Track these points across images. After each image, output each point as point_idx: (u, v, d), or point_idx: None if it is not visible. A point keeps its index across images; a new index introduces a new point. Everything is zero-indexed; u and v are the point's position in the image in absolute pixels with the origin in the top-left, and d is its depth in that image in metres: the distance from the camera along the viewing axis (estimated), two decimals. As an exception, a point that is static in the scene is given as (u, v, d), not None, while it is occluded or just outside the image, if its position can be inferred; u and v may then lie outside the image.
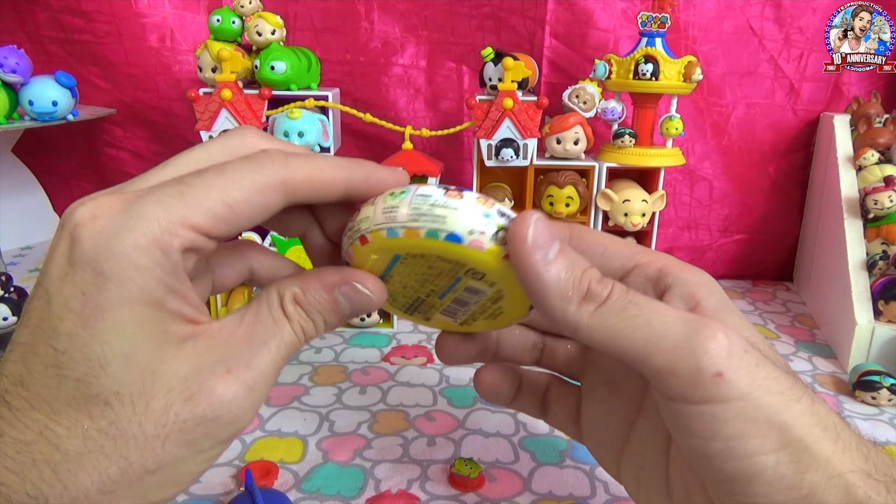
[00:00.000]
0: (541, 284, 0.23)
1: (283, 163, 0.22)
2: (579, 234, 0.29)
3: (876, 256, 0.58)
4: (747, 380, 0.21)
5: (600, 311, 0.23)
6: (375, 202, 0.24)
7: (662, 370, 0.22)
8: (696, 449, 0.22)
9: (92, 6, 0.73)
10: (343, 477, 0.41)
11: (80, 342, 0.19)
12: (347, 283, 0.25)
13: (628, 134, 0.61)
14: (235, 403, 0.21)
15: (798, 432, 0.21)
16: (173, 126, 0.78)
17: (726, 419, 0.21)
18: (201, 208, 0.20)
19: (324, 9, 0.73)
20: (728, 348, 0.22)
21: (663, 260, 0.27)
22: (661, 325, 0.22)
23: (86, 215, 0.20)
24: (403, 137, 0.61)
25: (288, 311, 0.24)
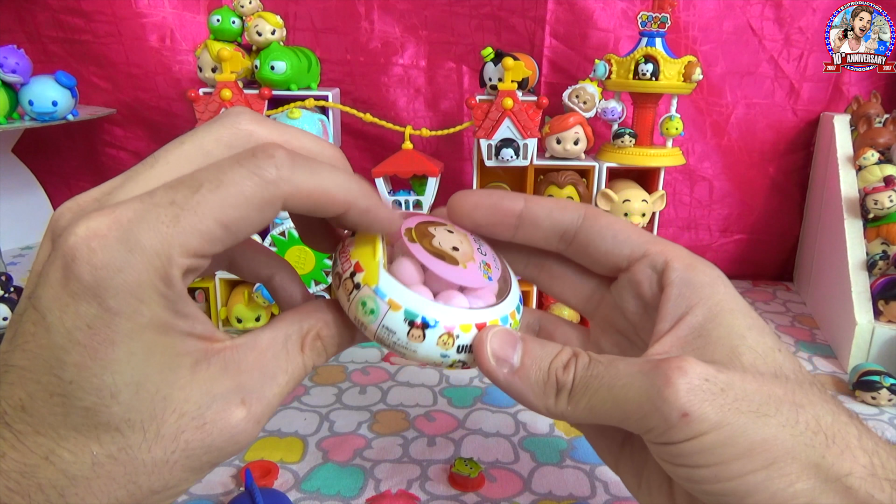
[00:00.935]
0: (518, 394, 0.25)
1: (289, 175, 0.21)
2: (593, 215, 0.29)
3: (876, 256, 0.58)
4: (714, 409, 0.22)
5: (573, 397, 0.24)
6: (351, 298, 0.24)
7: (640, 427, 0.23)
8: (687, 477, 0.23)
9: (92, 6, 0.73)
10: (343, 477, 0.41)
11: (88, 373, 0.19)
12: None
13: (628, 134, 0.61)
14: (244, 435, 0.22)
15: (782, 445, 0.21)
16: (173, 126, 0.78)
17: (705, 450, 0.22)
18: (197, 233, 0.20)
19: (324, 9, 0.73)
20: (687, 387, 0.22)
21: (672, 251, 0.27)
22: (621, 390, 0.23)
23: (80, 244, 0.18)
24: (403, 137, 0.61)
25: (306, 347, 0.24)
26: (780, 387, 0.23)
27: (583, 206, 0.29)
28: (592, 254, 0.29)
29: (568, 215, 0.29)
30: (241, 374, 0.22)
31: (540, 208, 0.28)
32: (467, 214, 0.28)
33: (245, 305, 0.61)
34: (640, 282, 0.28)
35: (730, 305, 0.26)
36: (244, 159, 0.21)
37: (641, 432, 0.23)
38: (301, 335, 0.24)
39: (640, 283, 0.28)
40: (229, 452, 0.22)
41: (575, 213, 0.29)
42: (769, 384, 0.23)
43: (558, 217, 0.29)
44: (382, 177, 0.61)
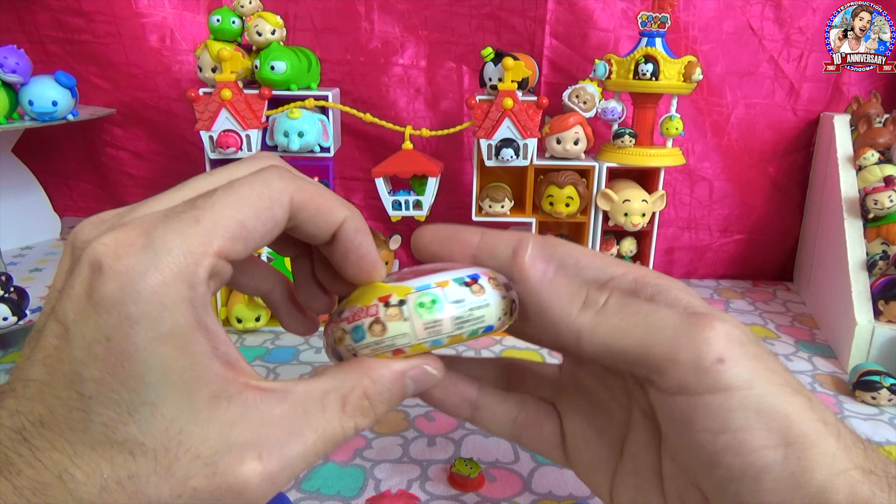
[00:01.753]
0: (542, 297, 0.24)
1: (291, 178, 0.22)
2: (552, 245, 0.28)
3: (876, 256, 0.58)
4: (748, 368, 0.22)
5: (600, 314, 0.24)
6: (406, 315, 0.23)
7: (663, 361, 0.22)
8: (704, 446, 0.22)
9: (92, 6, 0.73)
10: (343, 477, 0.41)
11: (107, 388, 0.19)
12: (418, 367, 0.24)
13: (628, 134, 0.61)
14: (256, 493, 0.20)
15: (802, 427, 0.21)
16: (173, 126, 0.78)
17: (732, 409, 0.21)
18: (218, 231, 0.20)
19: (324, 9, 0.73)
20: (727, 336, 0.22)
21: (637, 270, 0.27)
22: (659, 319, 0.23)
23: (108, 253, 0.19)
24: (403, 137, 0.61)
25: (349, 406, 0.23)
26: (792, 378, 0.23)
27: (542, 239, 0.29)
28: None
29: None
30: (264, 425, 0.21)
31: (497, 241, 0.28)
32: (424, 247, 0.29)
33: (245, 305, 0.61)
34: None
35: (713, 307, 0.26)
36: (253, 173, 0.22)
37: (662, 370, 0.22)
38: (343, 393, 0.23)
39: None
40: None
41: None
42: (785, 369, 0.23)
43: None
44: (382, 177, 0.61)
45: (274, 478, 0.21)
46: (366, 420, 0.23)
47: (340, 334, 0.24)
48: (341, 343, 0.24)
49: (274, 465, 0.21)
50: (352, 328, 0.24)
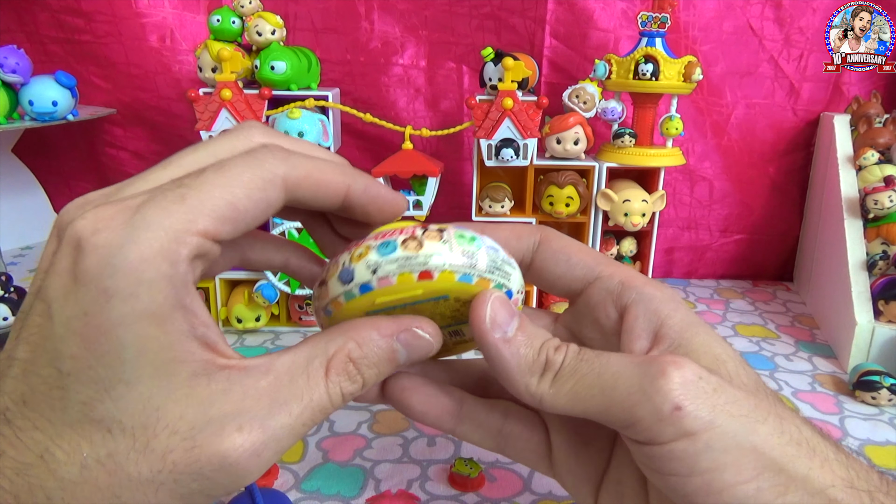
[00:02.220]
0: (502, 362, 0.23)
1: (284, 157, 0.22)
2: (547, 239, 0.29)
3: (876, 256, 0.58)
4: (707, 408, 0.21)
5: (557, 379, 0.23)
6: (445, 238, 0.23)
7: (624, 419, 0.22)
8: (676, 488, 0.22)
9: (92, 6, 0.73)
10: (343, 477, 0.41)
11: (84, 364, 0.18)
12: (408, 330, 0.23)
13: (628, 134, 0.61)
14: (238, 466, 0.20)
15: (771, 454, 0.21)
16: (173, 126, 0.78)
17: (697, 452, 0.21)
18: (205, 210, 0.19)
19: (324, 9, 0.73)
20: (681, 380, 0.21)
21: (625, 272, 0.27)
22: (612, 376, 0.22)
23: (88, 228, 0.18)
24: (403, 137, 0.61)
25: (332, 371, 0.22)
26: (762, 399, 0.23)
27: (538, 231, 0.29)
28: (548, 278, 0.29)
29: (524, 243, 0.29)
30: (245, 398, 0.20)
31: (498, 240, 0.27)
32: None
33: (245, 305, 0.61)
34: (596, 304, 0.28)
35: (696, 319, 0.26)
36: (243, 153, 0.21)
37: (626, 426, 0.22)
38: (327, 357, 0.22)
39: (595, 307, 0.28)
40: (222, 484, 0.20)
41: (530, 240, 0.29)
42: (753, 394, 0.23)
43: (515, 246, 0.29)
44: (382, 177, 0.61)
45: (257, 450, 0.20)
46: (353, 385, 0.22)
47: (363, 251, 0.22)
48: (359, 259, 0.22)
49: (256, 437, 0.20)
50: (380, 244, 0.22)
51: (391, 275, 0.22)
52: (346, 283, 0.22)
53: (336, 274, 0.23)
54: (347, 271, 0.22)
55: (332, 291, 0.23)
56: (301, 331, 0.63)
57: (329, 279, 0.23)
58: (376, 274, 0.22)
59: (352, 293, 0.22)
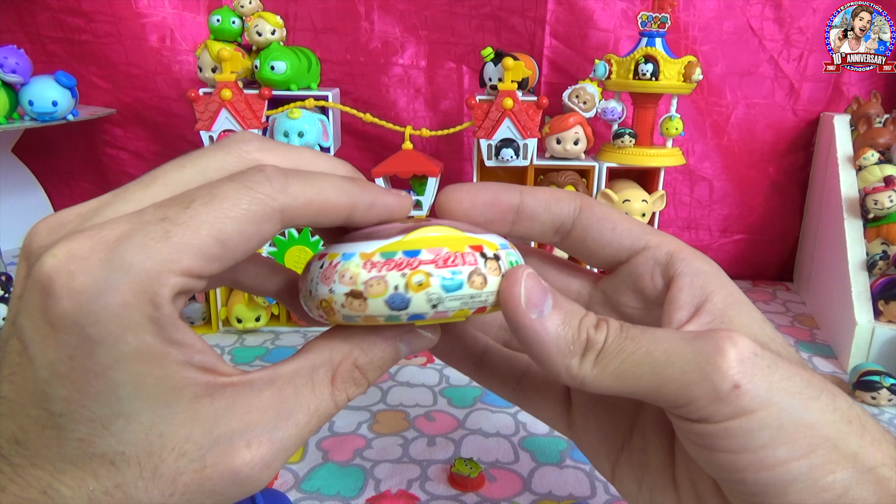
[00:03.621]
0: (540, 345, 0.22)
1: (282, 186, 0.20)
2: (589, 206, 0.27)
3: (876, 256, 0.58)
4: (765, 385, 0.21)
5: (601, 359, 0.22)
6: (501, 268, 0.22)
7: (679, 398, 0.21)
8: (725, 465, 0.21)
9: (92, 6, 0.73)
10: (343, 477, 0.41)
11: (77, 405, 0.18)
12: (411, 331, 0.23)
13: (628, 134, 0.61)
14: (249, 481, 0.20)
15: (824, 431, 0.21)
16: (173, 126, 0.78)
17: (752, 430, 0.20)
18: (191, 249, 0.18)
19: (324, 9, 0.73)
20: (738, 357, 0.21)
21: (673, 243, 0.26)
22: (663, 354, 0.21)
23: (61, 270, 0.17)
24: (403, 137, 0.61)
25: (338, 379, 0.22)
26: (812, 374, 0.22)
27: (578, 197, 0.27)
28: (591, 246, 0.27)
29: (565, 207, 0.27)
30: (251, 412, 0.20)
31: (537, 202, 0.27)
32: (463, 213, 0.26)
33: (245, 305, 0.61)
34: (642, 274, 0.26)
35: (742, 298, 0.25)
36: (236, 176, 0.20)
37: (678, 405, 0.21)
38: (332, 366, 0.22)
39: (640, 276, 0.26)
40: (233, 497, 0.20)
41: (571, 205, 0.27)
42: (804, 369, 0.22)
43: (555, 210, 0.27)
44: (382, 177, 0.61)
45: (267, 463, 0.20)
46: (358, 389, 0.22)
47: (423, 279, 0.20)
48: (420, 289, 0.20)
49: (265, 451, 0.20)
50: (443, 277, 0.21)
51: (450, 311, 0.21)
52: (395, 308, 0.20)
53: (384, 296, 0.20)
54: (402, 298, 0.20)
55: (374, 310, 0.21)
56: (301, 331, 0.63)
57: (370, 296, 0.20)
58: (436, 308, 0.21)
59: (397, 318, 0.21)
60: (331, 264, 0.21)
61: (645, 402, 0.27)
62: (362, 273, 0.21)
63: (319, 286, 0.21)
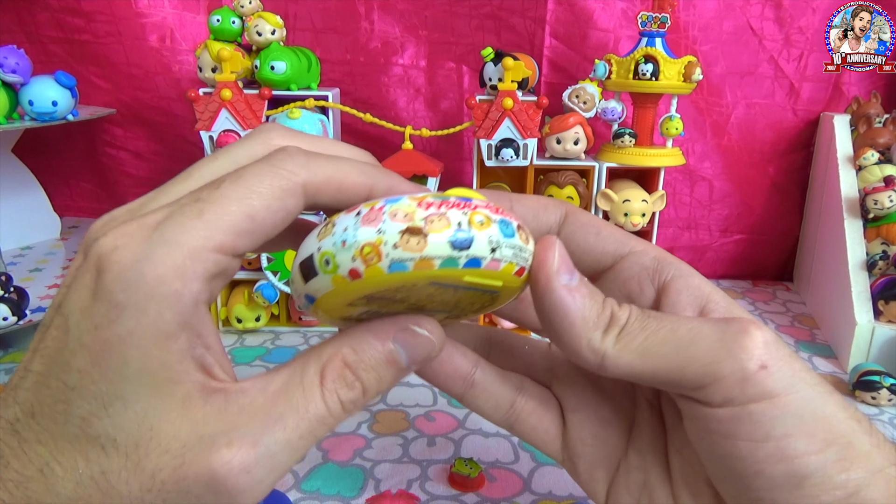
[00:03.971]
0: (566, 313, 0.22)
1: (304, 162, 0.21)
2: (574, 213, 0.27)
3: (876, 256, 0.58)
4: (788, 371, 0.21)
5: (624, 335, 0.22)
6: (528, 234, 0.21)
7: (703, 377, 0.21)
8: (745, 456, 0.21)
9: (92, 6, 0.73)
10: (343, 477, 0.41)
11: (88, 380, 0.18)
12: (405, 330, 0.22)
13: (628, 134, 0.61)
14: (227, 483, 0.19)
15: (840, 427, 0.21)
16: (173, 126, 0.78)
17: (775, 417, 0.20)
18: (223, 225, 0.19)
19: (324, 9, 0.73)
20: (764, 341, 0.21)
21: (657, 249, 0.27)
22: (689, 332, 0.21)
23: (108, 245, 0.19)
24: (403, 137, 0.61)
25: (327, 378, 0.21)
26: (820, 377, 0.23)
27: (563, 205, 0.28)
28: (575, 251, 0.27)
29: (551, 215, 0.28)
30: (240, 416, 0.20)
31: (526, 210, 0.27)
32: None
33: (245, 305, 0.61)
34: (628, 279, 0.26)
35: (734, 301, 0.25)
36: (262, 158, 0.21)
37: (702, 386, 0.21)
38: (321, 364, 0.21)
39: (627, 281, 0.27)
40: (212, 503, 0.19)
41: (557, 212, 0.28)
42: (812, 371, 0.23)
43: (543, 217, 0.27)
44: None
45: (247, 466, 0.19)
46: (351, 392, 0.21)
47: (483, 219, 0.19)
48: (482, 228, 0.19)
49: (247, 454, 0.19)
50: (500, 220, 0.20)
51: (503, 261, 0.20)
52: (457, 247, 0.19)
53: (446, 232, 0.19)
54: (465, 236, 0.19)
55: (433, 249, 0.19)
56: (301, 331, 0.63)
57: (431, 232, 0.19)
58: (493, 254, 0.19)
59: (455, 263, 0.19)
60: (373, 209, 0.20)
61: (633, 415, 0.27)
62: (419, 210, 0.19)
63: (360, 230, 0.19)
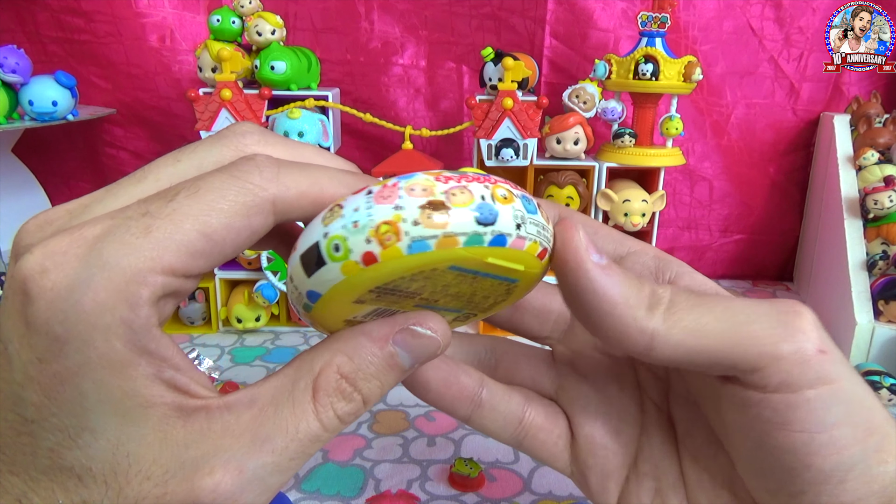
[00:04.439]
0: (604, 292, 0.20)
1: (274, 175, 0.18)
2: (568, 213, 0.26)
3: (876, 256, 0.58)
4: (840, 357, 0.20)
5: (673, 312, 0.20)
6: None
7: (762, 357, 0.19)
8: (798, 448, 0.20)
9: (92, 6, 0.73)
10: (343, 477, 0.41)
11: (47, 412, 0.17)
12: (404, 330, 0.20)
13: (628, 134, 0.61)
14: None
15: (879, 417, 0.20)
16: (173, 126, 0.78)
17: (830, 404, 0.19)
18: (173, 245, 0.17)
19: (324, 9, 0.73)
20: (816, 325, 0.20)
21: (654, 250, 0.26)
22: (745, 309, 0.20)
23: (35, 266, 0.16)
24: (403, 137, 0.61)
25: (321, 392, 0.19)
26: None
27: (556, 206, 0.26)
28: None
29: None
30: (225, 437, 0.18)
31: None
32: None
33: (245, 305, 0.61)
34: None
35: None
36: (224, 167, 0.18)
37: (757, 368, 0.20)
38: (313, 377, 0.19)
39: None
40: None
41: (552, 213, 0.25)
42: None
43: None
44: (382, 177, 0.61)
45: (233, 494, 0.18)
46: (349, 404, 0.19)
47: (506, 194, 0.18)
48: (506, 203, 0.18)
49: (231, 480, 0.18)
50: (522, 195, 0.18)
51: (528, 239, 0.18)
52: (483, 222, 0.17)
53: (471, 205, 0.17)
54: (490, 209, 0.17)
55: (458, 224, 0.17)
56: (301, 331, 0.63)
57: (454, 205, 0.17)
58: (519, 230, 0.18)
59: (481, 240, 0.17)
60: (386, 186, 0.18)
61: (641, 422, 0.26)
62: (438, 185, 0.17)
63: (375, 209, 0.17)
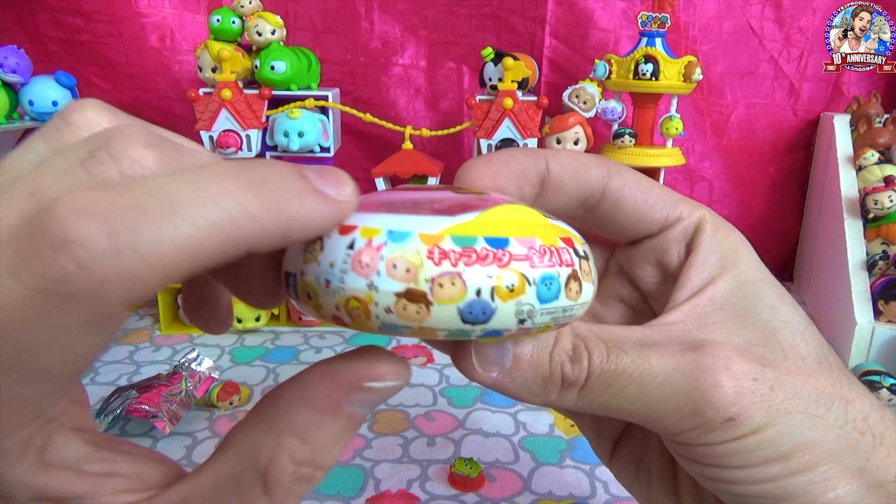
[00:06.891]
0: (512, 395, 0.20)
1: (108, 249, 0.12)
2: (618, 172, 0.23)
3: (876, 256, 0.58)
4: (762, 411, 0.20)
5: (584, 394, 0.20)
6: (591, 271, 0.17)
7: (669, 431, 0.21)
8: (716, 477, 0.21)
9: (92, 6, 0.73)
10: (343, 477, 0.41)
11: None
12: (359, 389, 0.16)
13: (628, 134, 0.61)
14: None
15: (828, 447, 0.20)
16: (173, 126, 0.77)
17: (744, 452, 0.20)
18: None
19: (324, 9, 0.73)
20: (735, 391, 0.20)
21: (701, 211, 0.24)
22: (656, 390, 0.20)
23: None
24: (403, 137, 0.61)
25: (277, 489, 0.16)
26: (826, 377, 0.21)
27: (605, 162, 0.23)
28: (621, 220, 0.23)
29: (592, 174, 0.22)
30: None
31: (563, 169, 0.22)
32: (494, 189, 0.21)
33: (245, 305, 0.61)
34: (669, 249, 0.24)
35: (754, 275, 0.23)
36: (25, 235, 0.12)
37: (671, 434, 0.21)
38: (260, 469, 0.16)
39: (668, 251, 0.24)
40: None
41: (599, 171, 0.23)
42: (816, 375, 0.21)
43: (583, 178, 0.22)
44: (382, 177, 0.61)
45: None
46: (311, 484, 0.17)
47: (517, 284, 0.15)
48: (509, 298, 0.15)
49: None
50: (541, 277, 0.15)
51: (534, 329, 0.15)
52: (470, 321, 0.15)
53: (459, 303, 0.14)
54: (484, 308, 0.14)
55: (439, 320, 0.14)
56: (301, 331, 0.63)
57: (438, 301, 0.14)
58: (522, 325, 0.15)
59: (466, 335, 0.15)
60: (369, 244, 0.15)
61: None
62: (427, 265, 0.14)
63: (348, 277, 0.14)
